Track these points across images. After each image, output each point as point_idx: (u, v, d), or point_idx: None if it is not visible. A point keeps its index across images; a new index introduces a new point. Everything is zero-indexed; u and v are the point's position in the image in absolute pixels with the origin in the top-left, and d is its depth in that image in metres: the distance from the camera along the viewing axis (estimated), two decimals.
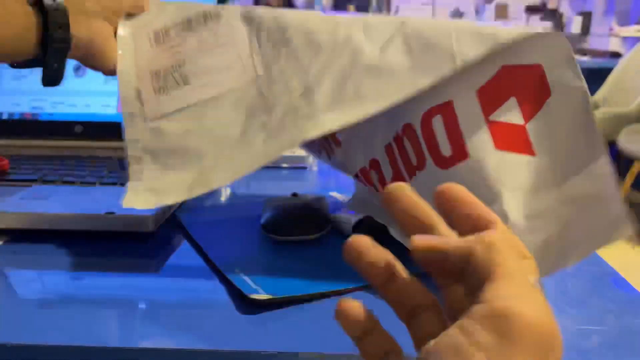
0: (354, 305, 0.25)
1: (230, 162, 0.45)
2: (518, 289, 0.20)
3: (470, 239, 0.23)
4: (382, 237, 0.51)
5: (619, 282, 0.44)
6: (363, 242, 0.25)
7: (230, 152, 0.45)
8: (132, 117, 0.47)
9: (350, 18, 0.47)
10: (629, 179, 2.79)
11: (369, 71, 0.42)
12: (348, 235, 0.49)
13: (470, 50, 0.38)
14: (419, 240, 0.23)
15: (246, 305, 0.40)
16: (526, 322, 0.19)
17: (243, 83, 0.48)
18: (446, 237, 0.24)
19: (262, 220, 0.52)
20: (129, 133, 0.47)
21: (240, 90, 0.48)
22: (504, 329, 0.19)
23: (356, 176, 0.51)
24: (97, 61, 0.48)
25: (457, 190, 0.25)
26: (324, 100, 0.42)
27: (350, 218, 0.51)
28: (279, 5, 4.03)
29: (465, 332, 0.20)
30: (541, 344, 0.19)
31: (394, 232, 0.44)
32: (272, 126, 0.44)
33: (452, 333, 0.20)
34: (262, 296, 0.39)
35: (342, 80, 0.42)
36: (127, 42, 0.51)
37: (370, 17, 0.46)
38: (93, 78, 0.74)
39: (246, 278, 0.42)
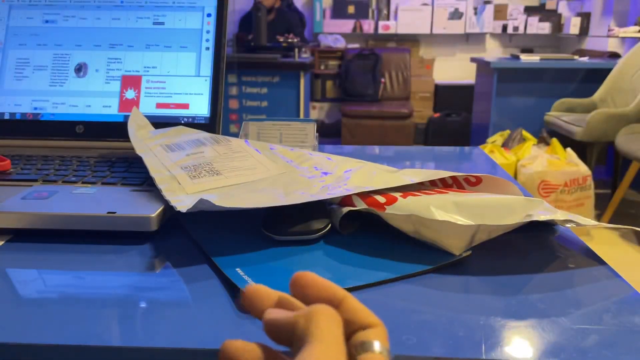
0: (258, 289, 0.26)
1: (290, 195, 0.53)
2: (324, 352, 0.21)
3: (297, 312, 0.24)
4: (368, 226, 0.52)
5: (618, 282, 0.44)
6: (233, 347, 0.25)
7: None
8: (173, 193, 0.52)
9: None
10: (628, 179, 2.79)
11: (384, 172, 0.59)
12: (337, 229, 0.49)
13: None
14: (268, 314, 0.25)
15: None
16: None
17: (272, 174, 0.59)
18: (288, 312, 0.25)
19: (262, 220, 0.52)
20: (173, 201, 0.51)
21: (274, 176, 0.58)
22: None
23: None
24: None
25: (307, 276, 0.26)
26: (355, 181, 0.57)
27: (341, 211, 0.51)
28: (274, 5, 4.00)
29: None
30: None
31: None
32: (315, 192, 0.53)
33: None
34: None
35: (365, 175, 0.58)
36: (144, 147, 0.61)
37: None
38: (94, 78, 0.74)
39: (247, 277, 0.43)
